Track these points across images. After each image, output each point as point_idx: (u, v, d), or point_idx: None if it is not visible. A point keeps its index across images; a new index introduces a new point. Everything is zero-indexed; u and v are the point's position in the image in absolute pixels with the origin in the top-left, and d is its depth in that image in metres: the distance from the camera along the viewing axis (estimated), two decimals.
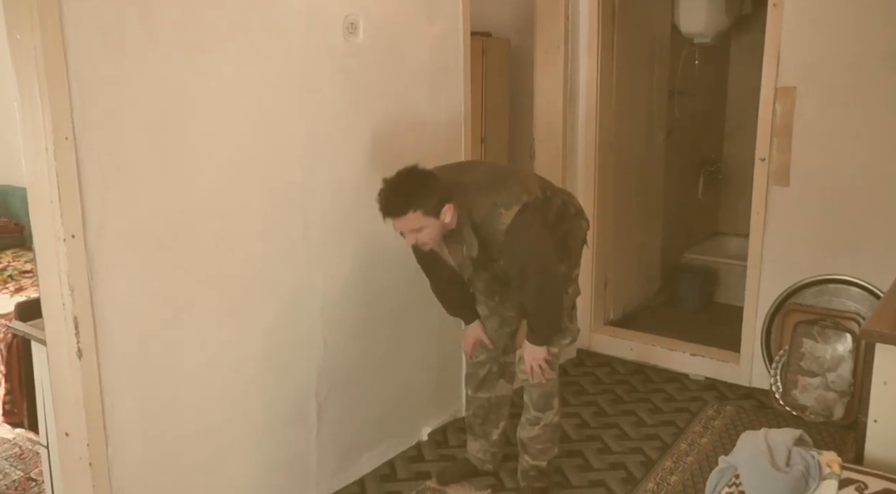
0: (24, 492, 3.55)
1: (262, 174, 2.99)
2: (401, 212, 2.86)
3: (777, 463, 2.52)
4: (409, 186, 2.87)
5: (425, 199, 2.85)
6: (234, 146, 2.87)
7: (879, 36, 3.84)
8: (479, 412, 3.54)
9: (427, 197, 2.86)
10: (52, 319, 2.55)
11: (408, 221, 2.87)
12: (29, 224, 5.40)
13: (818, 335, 3.97)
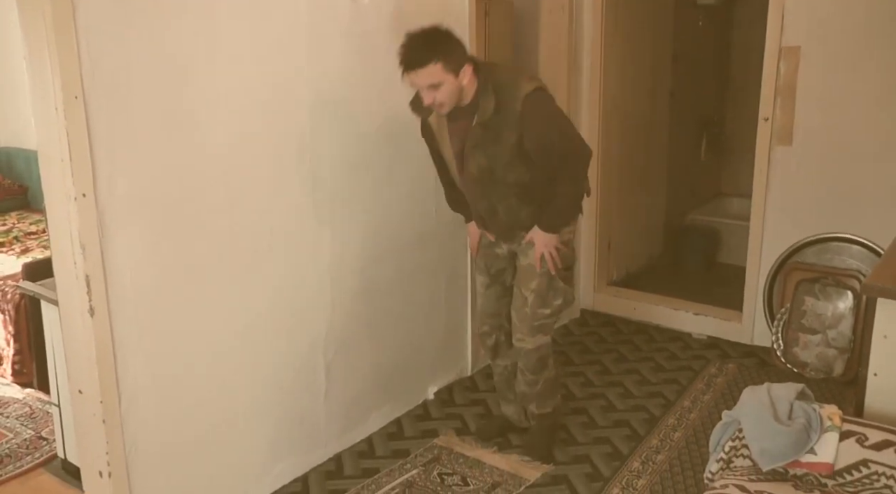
0: (36, 450, 3.60)
1: (271, 135, 3.00)
2: (422, 62, 2.85)
3: (779, 417, 2.56)
4: (431, 39, 2.89)
5: (447, 53, 2.87)
6: (243, 107, 2.88)
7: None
8: (501, 378, 3.59)
9: (449, 51, 2.88)
10: (64, 278, 2.57)
11: (428, 74, 2.86)
12: (33, 186, 5.48)
13: (819, 292, 4.00)
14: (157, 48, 2.57)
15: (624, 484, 3.27)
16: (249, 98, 2.90)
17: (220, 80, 2.79)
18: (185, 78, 2.67)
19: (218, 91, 2.78)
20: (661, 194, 5.90)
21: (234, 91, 2.84)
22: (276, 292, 3.11)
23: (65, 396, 3.21)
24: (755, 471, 2.57)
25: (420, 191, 3.74)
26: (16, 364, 4.14)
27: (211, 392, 2.95)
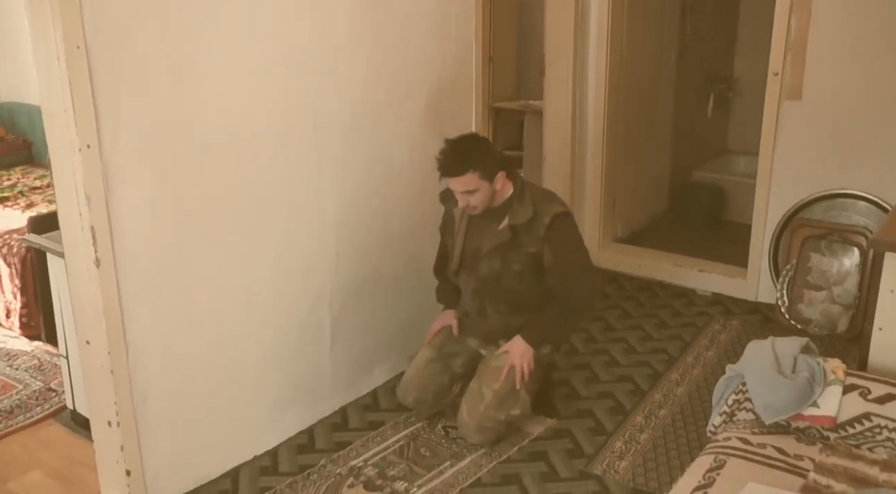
0: (46, 402, 3.64)
1: (275, 89, 2.98)
2: (460, 172, 2.99)
3: (783, 370, 2.57)
4: (469, 148, 3.04)
5: (483, 163, 3.00)
6: (248, 61, 2.86)
7: None
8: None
9: (485, 161, 3.01)
10: (69, 229, 2.58)
11: (464, 182, 3.01)
12: (36, 141, 5.47)
13: (825, 249, 4.00)
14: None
15: (627, 438, 3.30)
16: (255, 53, 2.87)
17: (226, 33, 2.76)
18: (189, 30, 2.65)
19: (223, 43, 2.76)
20: (666, 151, 5.86)
21: (239, 43, 2.81)
22: (281, 245, 3.12)
23: (72, 348, 3.24)
24: (758, 424, 2.59)
25: (425, 148, 3.72)
26: (23, 317, 4.16)
27: (218, 343, 2.97)
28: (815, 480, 2.28)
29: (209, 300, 2.91)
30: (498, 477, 3.00)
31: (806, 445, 2.47)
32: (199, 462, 3.01)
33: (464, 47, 3.85)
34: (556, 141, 4.81)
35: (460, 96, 3.89)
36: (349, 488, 3.00)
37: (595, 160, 4.93)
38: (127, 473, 2.76)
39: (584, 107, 4.83)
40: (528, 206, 3.07)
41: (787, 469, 2.35)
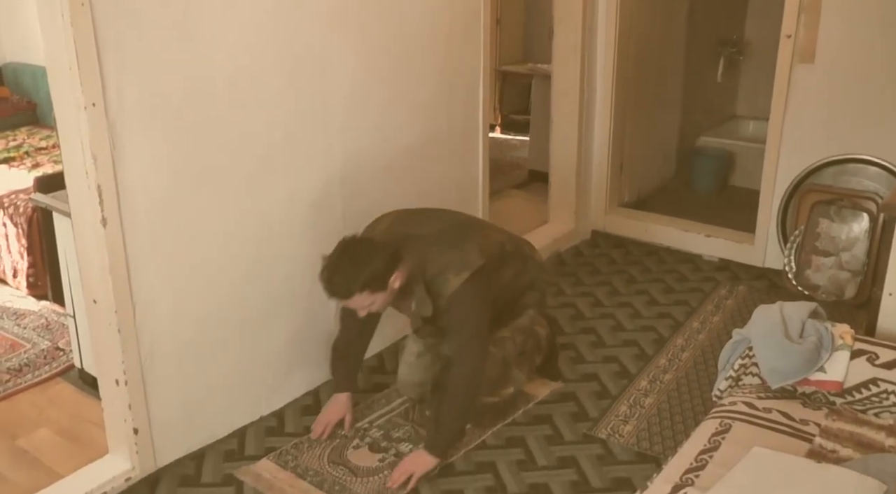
0: (54, 361, 3.65)
1: (281, 44, 2.95)
2: (347, 295, 2.71)
3: (791, 335, 2.57)
4: (351, 268, 2.67)
5: (370, 279, 2.66)
6: (254, 15, 2.82)
7: None
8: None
9: (372, 276, 2.66)
10: (76, 188, 2.57)
11: (355, 301, 2.73)
12: (41, 102, 5.44)
13: (835, 215, 3.97)
14: None
15: (631, 402, 3.31)
16: (261, 6, 2.84)
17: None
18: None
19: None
20: (675, 116, 5.82)
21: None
22: (287, 202, 3.11)
23: (80, 307, 3.24)
24: (763, 389, 2.60)
25: (432, 103, 3.70)
26: (30, 276, 4.17)
27: (225, 302, 2.97)
28: (820, 445, 2.28)
29: (216, 259, 2.90)
30: (503, 440, 3.02)
31: (812, 410, 2.47)
32: (207, 421, 3.03)
33: (472, 9, 3.80)
34: (564, 105, 4.77)
35: (468, 58, 3.85)
36: (354, 449, 3.02)
37: (603, 124, 4.89)
38: (135, 431, 2.78)
39: (593, 71, 4.78)
40: (424, 300, 2.82)
41: (793, 433, 2.35)
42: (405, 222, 2.98)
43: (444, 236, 2.88)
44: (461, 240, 2.87)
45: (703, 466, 2.20)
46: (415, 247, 2.81)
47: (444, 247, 2.82)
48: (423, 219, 3.02)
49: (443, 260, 2.79)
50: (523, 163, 6.34)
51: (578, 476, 2.88)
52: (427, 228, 2.92)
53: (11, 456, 3.05)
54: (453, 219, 3.08)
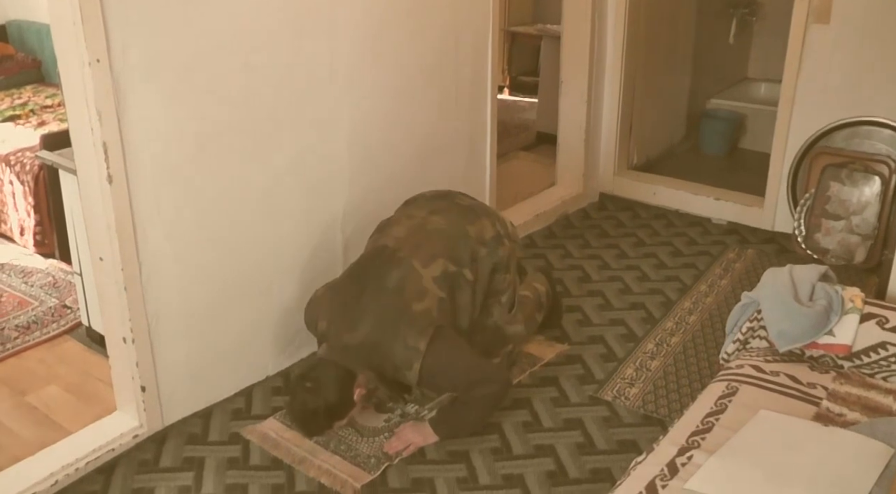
0: (61, 318, 3.67)
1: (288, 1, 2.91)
2: (319, 432, 2.82)
3: (800, 298, 2.56)
4: (311, 416, 2.74)
5: (334, 415, 2.75)
6: None
7: None
8: None
9: (333, 413, 2.74)
10: (81, 145, 2.55)
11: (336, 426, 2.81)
12: (46, 60, 5.41)
13: (846, 178, 3.94)
14: None
15: (637, 365, 3.31)
16: None
17: None
18: None
19: None
20: (685, 78, 5.75)
21: None
22: (294, 162, 3.09)
23: (86, 265, 3.24)
24: (771, 352, 2.59)
25: (439, 64, 3.66)
26: (37, 234, 4.17)
27: (231, 261, 2.96)
28: (827, 408, 2.28)
29: (223, 217, 2.89)
30: (509, 401, 3.02)
31: (819, 373, 2.46)
32: (214, 380, 3.04)
33: None
34: (574, 66, 4.71)
35: (476, 19, 3.81)
36: (362, 410, 3.02)
37: (613, 86, 4.84)
38: (142, 389, 2.79)
39: (603, 32, 4.72)
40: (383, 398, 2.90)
41: (800, 397, 2.35)
42: (339, 323, 2.81)
43: (379, 332, 2.73)
44: (396, 325, 2.72)
45: (710, 429, 2.20)
46: (359, 358, 2.75)
47: (386, 347, 2.72)
48: (353, 311, 2.79)
49: (391, 362, 2.73)
50: (531, 125, 6.29)
51: (584, 438, 2.89)
52: (362, 329, 2.74)
53: (21, 412, 3.07)
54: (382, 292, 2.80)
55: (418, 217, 3.00)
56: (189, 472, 2.73)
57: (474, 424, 2.88)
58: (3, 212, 4.35)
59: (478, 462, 2.77)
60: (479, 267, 2.96)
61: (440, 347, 2.70)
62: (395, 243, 2.90)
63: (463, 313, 2.94)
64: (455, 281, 2.89)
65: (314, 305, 2.96)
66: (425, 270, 2.82)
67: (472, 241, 2.96)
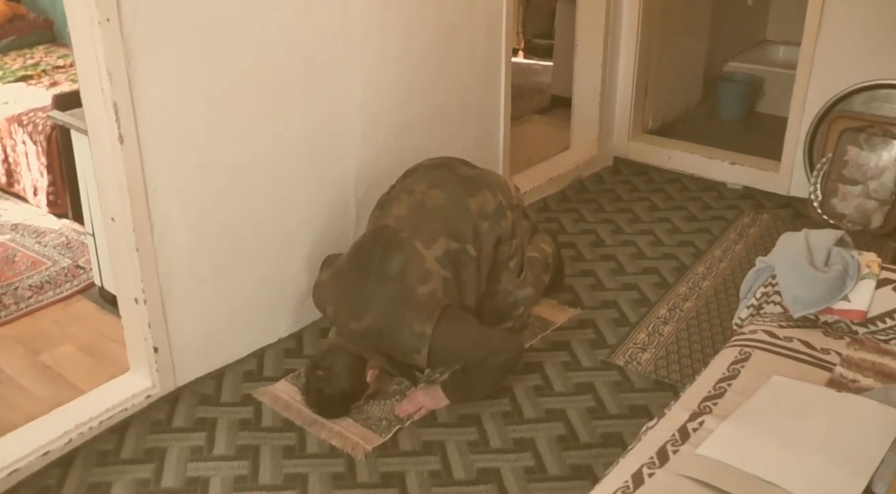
0: (74, 278, 3.68)
1: None
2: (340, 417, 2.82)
3: (815, 263, 2.53)
4: (329, 402, 2.76)
5: (350, 399, 2.78)
6: None
7: None
8: None
9: (349, 396, 2.77)
10: (92, 105, 2.54)
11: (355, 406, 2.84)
12: (58, 20, 5.38)
13: (864, 142, 3.88)
14: None
15: (650, 330, 3.30)
16: None
17: None
18: None
19: None
20: (702, 40, 5.67)
21: None
22: (306, 125, 3.07)
23: (99, 226, 3.25)
24: (785, 318, 2.57)
25: (453, 28, 3.62)
26: (50, 195, 4.17)
27: (243, 223, 2.96)
28: (841, 374, 2.27)
29: (235, 180, 2.88)
30: (521, 365, 3.01)
31: (833, 339, 2.44)
32: (226, 341, 3.05)
33: None
34: (589, 28, 4.65)
35: None
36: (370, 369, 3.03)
37: (628, 49, 4.78)
38: (154, 350, 2.80)
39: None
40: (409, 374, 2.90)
41: (814, 362, 2.33)
42: (345, 310, 2.79)
43: (385, 319, 2.72)
44: (401, 311, 2.70)
45: (722, 394, 2.19)
46: (368, 344, 2.76)
47: (393, 333, 2.71)
48: (358, 298, 2.77)
49: (399, 347, 2.73)
50: (546, 89, 6.24)
51: (595, 403, 2.89)
52: (368, 317, 2.73)
53: (35, 371, 3.09)
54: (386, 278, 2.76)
55: (418, 192, 2.95)
56: (201, 432, 2.75)
57: (486, 389, 2.88)
58: (17, 172, 4.35)
59: (489, 426, 2.78)
60: (482, 242, 2.93)
61: (447, 328, 2.70)
62: (396, 223, 2.86)
63: (469, 289, 2.92)
64: (458, 259, 2.86)
65: (320, 291, 2.95)
66: (427, 251, 2.79)
67: (473, 216, 2.91)
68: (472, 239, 2.89)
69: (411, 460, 2.64)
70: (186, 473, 2.58)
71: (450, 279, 2.82)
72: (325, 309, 2.92)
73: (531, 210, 4.24)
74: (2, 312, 3.43)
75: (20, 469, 2.52)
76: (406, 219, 2.87)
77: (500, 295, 3.09)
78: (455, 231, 2.87)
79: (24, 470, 2.53)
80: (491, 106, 4.00)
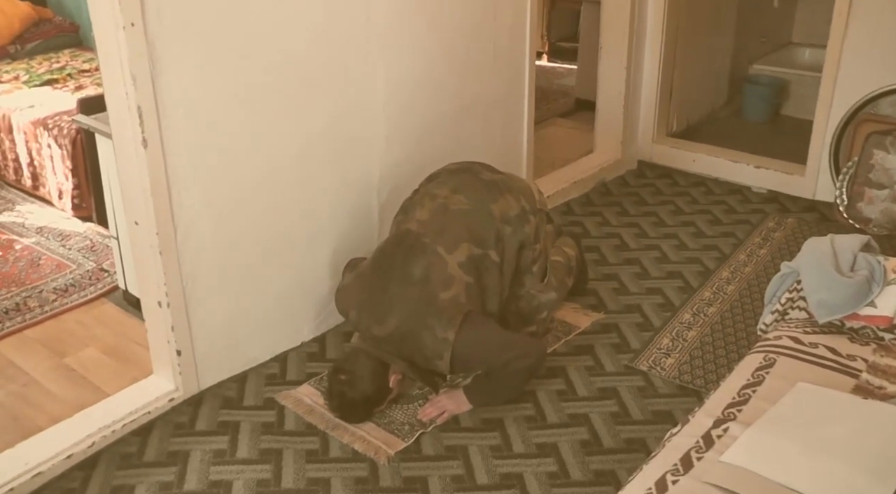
0: (98, 281, 3.70)
1: None
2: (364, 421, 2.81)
3: (841, 268, 2.51)
4: (351, 406, 2.75)
5: (373, 404, 2.77)
6: None
7: None
8: None
9: (371, 402, 2.76)
10: (116, 109, 2.55)
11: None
12: (83, 24, 5.42)
13: (891, 146, 3.84)
14: None
15: (674, 335, 3.27)
16: None
17: None
18: None
19: None
20: (728, 42, 5.63)
21: None
22: (329, 127, 3.07)
23: (123, 229, 3.27)
24: (810, 324, 2.54)
25: (476, 29, 3.61)
26: (75, 198, 4.21)
27: (267, 225, 2.97)
28: (867, 381, 2.24)
29: (258, 182, 2.89)
30: (544, 370, 2.99)
31: (859, 345, 2.41)
32: (249, 345, 3.06)
33: None
34: (614, 31, 4.63)
35: None
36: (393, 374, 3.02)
37: (653, 52, 4.76)
38: (178, 353, 2.81)
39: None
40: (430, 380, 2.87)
41: (839, 369, 2.30)
42: (368, 314, 2.79)
43: (408, 324, 2.71)
44: (424, 317, 2.70)
45: (746, 400, 2.17)
46: (390, 349, 2.75)
47: (415, 339, 2.70)
48: (381, 303, 2.76)
49: (421, 353, 2.72)
50: (570, 92, 6.22)
51: (619, 408, 2.87)
52: (390, 322, 2.72)
53: (59, 374, 3.11)
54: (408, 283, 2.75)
55: (441, 196, 2.94)
56: (224, 436, 2.76)
57: (509, 393, 2.87)
58: (42, 176, 4.39)
59: (511, 431, 2.77)
60: (505, 247, 2.92)
61: (469, 334, 2.69)
62: (418, 227, 2.86)
63: (491, 295, 2.91)
64: (481, 264, 2.85)
65: (343, 295, 2.95)
66: (450, 256, 2.78)
67: (496, 221, 2.90)
68: (494, 244, 2.88)
69: (434, 465, 2.63)
70: (209, 476, 2.59)
71: (472, 284, 2.81)
72: (348, 313, 2.92)
73: (555, 213, 4.22)
74: (27, 315, 3.46)
75: (44, 471, 2.54)
76: (429, 223, 2.86)
77: (523, 300, 3.07)
78: (478, 236, 2.86)
79: (47, 473, 2.54)
80: (515, 109, 3.99)
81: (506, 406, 2.86)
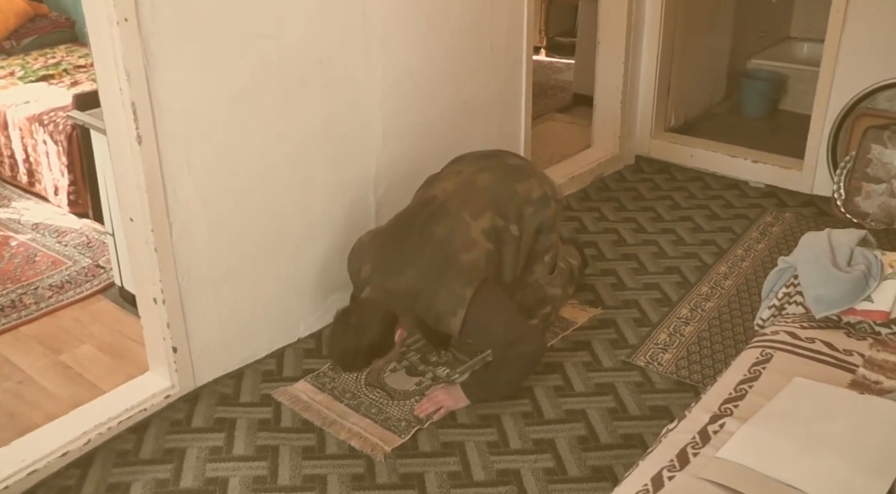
0: (94, 278, 3.70)
1: None
2: (360, 369, 2.84)
3: (838, 263, 2.50)
4: (351, 350, 2.69)
5: (374, 352, 2.70)
6: None
7: None
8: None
9: (374, 350, 2.70)
10: (110, 106, 2.54)
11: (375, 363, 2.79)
12: (79, 20, 5.41)
13: (888, 140, 3.84)
14: None
15: (671, 330, 3.27)
16: None
17: None
18: None
19: None
20: (725, 37, 5.63)
21: None
22: (326, 125, 3.06)
23: (118, 225, 3.26)
24: (807, 318, 2.54)
25: (477, 21, 3.60)
26: (71, 194, 4.20)
27: (262, 222, 2.96)
28: (864, 376, 2.23)
29: (254, 179, 2.88)
30: (541, 365, 2.99)
31: (856, 340, 2.41)
32: (245, 341, 3.05)
33: None
34: (612, 26, 4.62)
35: None
36: (391, 372, 3.02)
37: (651, 47, 4.75)
38: (174, 350, 2.81)
39: None
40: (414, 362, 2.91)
41: (836, 364, 2.30)
42: (384, 268, 2.78)
43: (425, 280, 2.71)
44: (443, 274, 2.70)
45: (743, 396, 2.16)
46: (403, 303, 2.73)
47: (431, 294, 2.69)
48: (399, 258, 2.78)
49: (434, 309, 2.70)
50: (568, 87, 6.22)
51: (616, 404, 2.87)
52: (407, 276, 2.72)
53: (54, 371, 3.11)
54: (429, 242, 2.77)
55: (466, 173, 2.97)
56: (220, 433, 2.75)
57: (506, 387, 2.86)
58: (38, 172, 4.38)
59: (508, 426, 2.77)
60: (525, 226, 2.93)
61: (485, 299, 2.70)
62: (443, 195, 2.88)
63: (507, 268, 2.92)
64: (502, 235, 2.86)
65: (358, 250, 2.95)
66: (475, 222, 2.80)
67: (519, 199, 2.92)
68: (516, 219, 2.90)
69: (431, 461, 2.63)
70: (205, 473, 2.58)
71: (493, 252, 2.82)
72: (361, 269, 2.88)
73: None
74: (22, 312, 3.45)
75: (39, 469, 2.53)
76: (454, 192, 2.89)
77: (530, 288, 3.07)
78: (501, 209, 2.87)
79: (43, 471, 2.54)
80: (512, 104, 3.98)
81: (503, 402, 2.85)
